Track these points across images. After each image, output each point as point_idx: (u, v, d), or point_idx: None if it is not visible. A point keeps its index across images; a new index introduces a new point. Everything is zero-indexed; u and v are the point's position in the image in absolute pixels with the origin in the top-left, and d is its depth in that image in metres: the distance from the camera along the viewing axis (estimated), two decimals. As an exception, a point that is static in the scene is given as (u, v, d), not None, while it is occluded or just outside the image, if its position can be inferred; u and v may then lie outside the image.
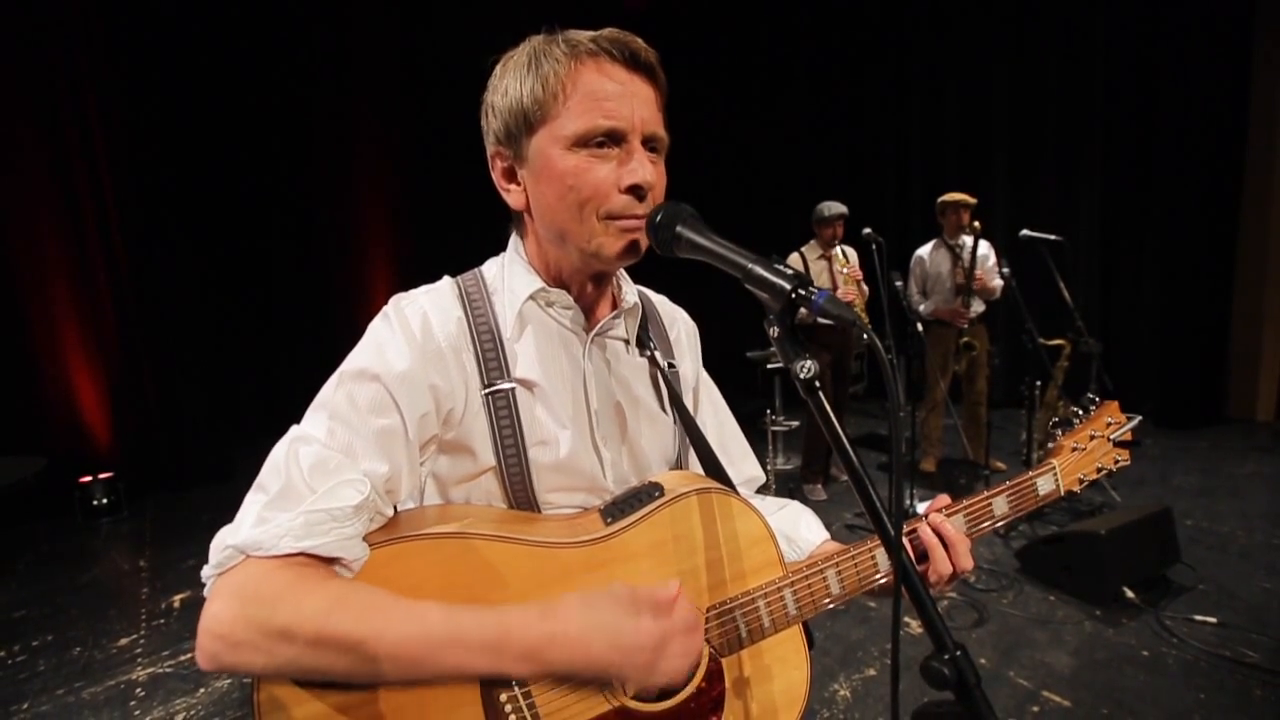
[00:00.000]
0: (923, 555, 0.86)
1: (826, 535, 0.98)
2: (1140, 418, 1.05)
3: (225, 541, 0.64)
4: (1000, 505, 0.93)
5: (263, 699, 0.65)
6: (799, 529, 0.98)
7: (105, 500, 4.62)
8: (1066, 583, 2.88)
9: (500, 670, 0.65)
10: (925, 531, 0.85)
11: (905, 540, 0.86)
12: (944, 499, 0.91)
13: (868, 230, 3.77)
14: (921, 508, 3.74)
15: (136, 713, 2.42)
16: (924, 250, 4.45)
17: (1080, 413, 1.06)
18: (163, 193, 5.13)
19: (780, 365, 3.32)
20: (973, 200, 4.21)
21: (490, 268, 0.87)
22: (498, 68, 0.79)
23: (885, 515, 0.60)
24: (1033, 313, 3.64)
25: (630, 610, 0.69)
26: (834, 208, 4.06)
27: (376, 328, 0.78)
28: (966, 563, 0.85)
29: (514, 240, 0.87)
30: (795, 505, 1.03)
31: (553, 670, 0.67)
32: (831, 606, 0.85)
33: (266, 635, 0.60)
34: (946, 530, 0.85)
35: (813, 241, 4.19)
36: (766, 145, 7.91)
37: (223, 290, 5.97)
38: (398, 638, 0.62)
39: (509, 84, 0.76)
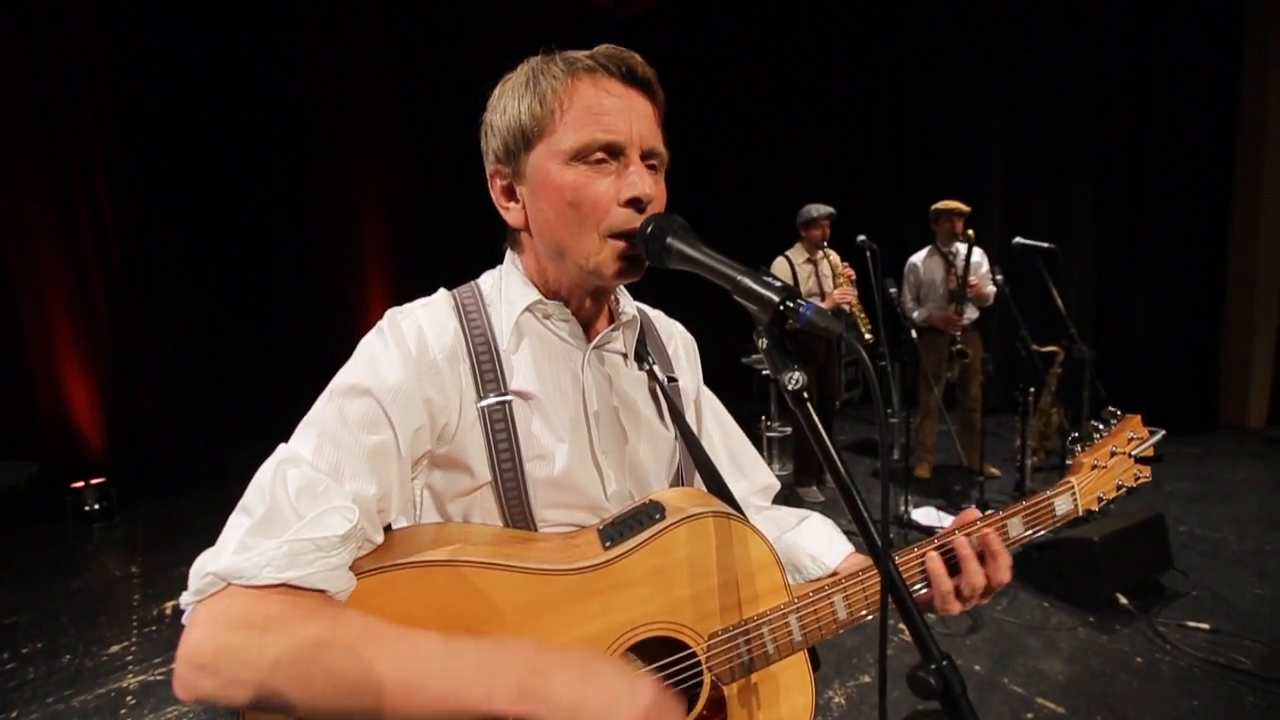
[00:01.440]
0: (955, 568, 0.83)
1: (850, 549, 0.95)
2: (1163, 432, 1.00)
3: (206, 568, 0.61)
4: (1015, 526, 0.89)
5: None
6: (818, 543, 0.94)
7: (97, 506, 4.58)
8: (1060, 589, 2.89)
9: (490, 703, 0.61)
10: (959, 543, 0.83)
11: (936, 554, 0.84)
12: (974, 513, 0.88)
13: (862, 237, 3.79)
14: (916, 514, 3.71)
15: (127, 721, 2.40)
16: (917, 258, 4.47)
17: (1100, 427, 1.01)
18: (158, 199, 5.13)
19: (775, 371, 3.31)
20: (966, 208, 4.24)
21: (486, 280, 0.87)
22: (497, 88, 0.79)
23: (871, 525, 0.60)
24: (1026, 320, 3.66)
25: (625, 669, 0.67)
26: (821, 208, 4.07)
27: (370, 342, 0.77)
28: (1004, 576, 0.82)
29: (510, 255, 0.87)
30: (815, 518, 1.00)
31: (543, 703, 0.63)
32: (839, 632, 0.83)
33: (250, 666, 0.58)
34: (991, 542, 0.83)
35: (798, 245, 4.20)
36: (759, 152, 7.94)
37: (217, 297, 5.95)
38: (388, 668, 0.59)
39: (507, 103, 0.77)
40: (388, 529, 0.75)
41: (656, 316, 1.02)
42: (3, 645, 2.99)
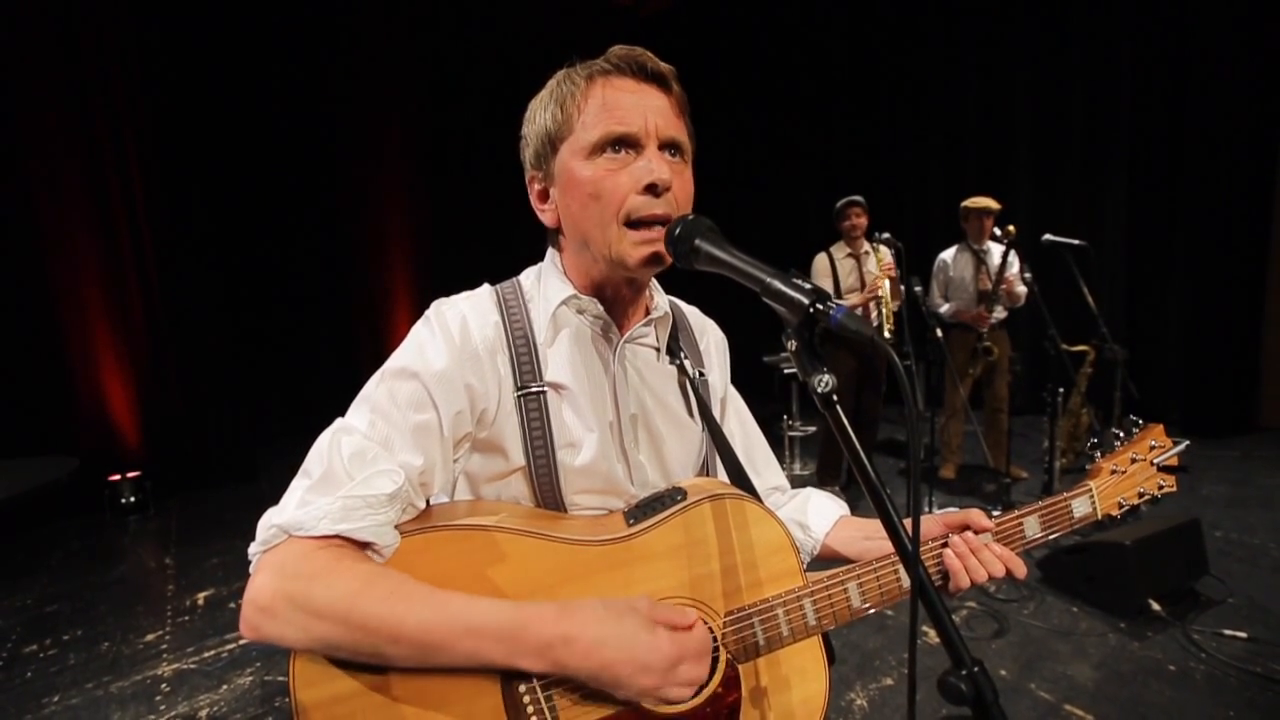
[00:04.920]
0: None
1: (838, 515, 1.00)
2: (1187, 443, 1.02)
3: (270, 521, 0.69)
4: (1032, 526, 0.91)
5: (298, 672, 0.68)
6: (807, 514, 1.01)
7: (133, 499, 4.74)
8: (1090, 594, 2.83)
9: (513, 663, 0.68)
10: (947, 555, 0.88)
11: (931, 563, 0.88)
12: (978, 514, 0.91)
13: (886, 235, 3.75)
14: (939, 515, 3.64)
15: (162, 707, 2.47)
16: (947, 254, 4.40)
17: (1121, 434, 1.03)
18: (191, 200, 5.27)
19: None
20: (997, 206, 4.15)
21: (527, 276, 0.91)
22: (530, 104, 0.85)
23: (901, 529, 0.60)
24: (1056, 319, 3.58)
25: (648, 626, 0.71)
26: (848, 198, 4.01)
27: (418, 330, 0.83)
28: (981, 574, 0.86)
29: (550, 252, 0.91)
30: (805, 491, 1.07)
31: (563, 669, 0.69)
32: (853, 620, 0.85)
33: (301, 611, 0.65)
34: (968, 545, 0.87)
35: (840, 241, 4.15)
36: (782, 149, 7.88)
37: (248, 296, 6.09)
38: (419, 622, 0.65)
39: (537, 113, 0.83)
40: (427, 504, 0.81)
41: (691, 313, 1.05)
42: (45, 632, 3.11)
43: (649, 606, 0.73)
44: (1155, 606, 2.68)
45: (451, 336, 0.80)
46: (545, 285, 0.88)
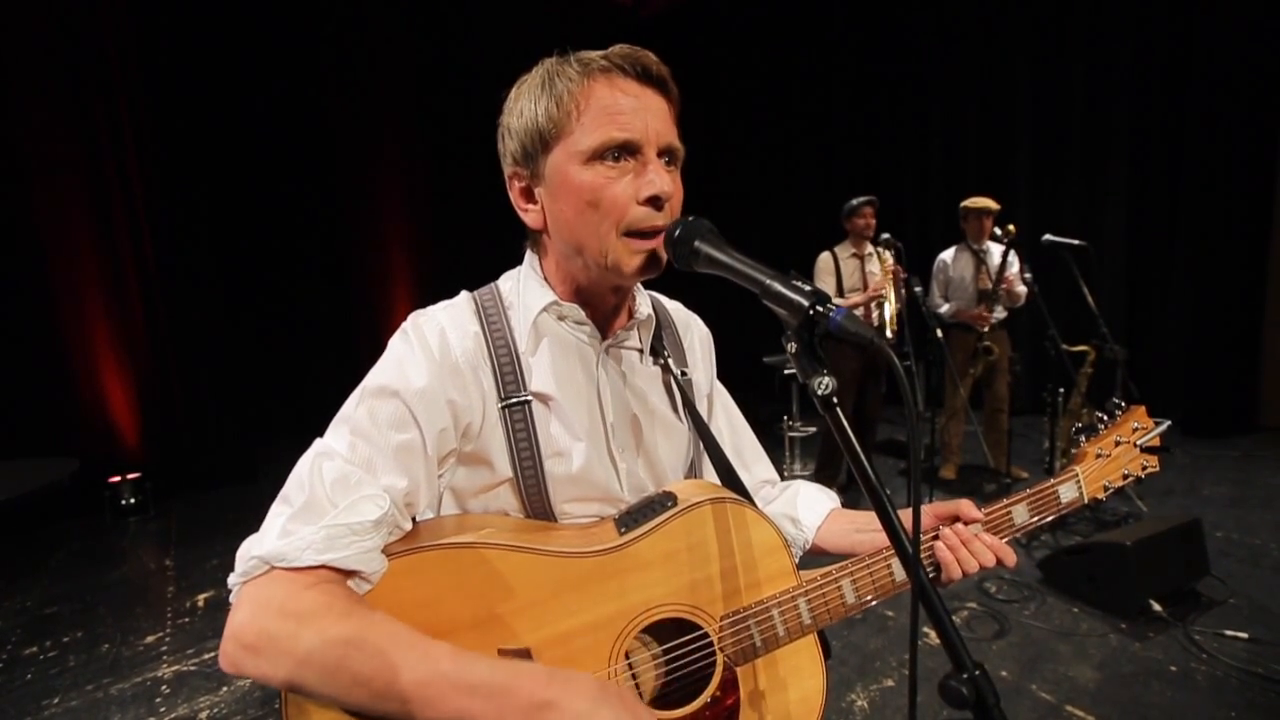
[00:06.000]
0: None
1: (829, 508, 0.99)
2: (1169, 423, 1.02)
3: (251, 552, 0.65)
4: (1020, 513, 0.91)
5: (290, 703, 0.67)
6: (798, 508, 0.99)
7: (133, 500, 4.73)
8: (1091, 594, 2.82)
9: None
10: (939, 548, 0.87)
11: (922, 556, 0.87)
12: (967, 504, 0.91)
13: (886, 235, 3.75)
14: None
15: (162, 709, 2.47)
16: (947, 255, 4.39)
17: (1105, 418, 1.03)
18: (192, 202, 5.27)
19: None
20: (996, 206, 4.15)
21: (506, 282, 0.88)
22: (512, 91, 0.80)
23: (901, 531, 0.59)
24: (1056, 319, 3.58)
25: (633, 702, 0.68)
26: (861, 198, 3.98)
27: (396, 345, 0.80)
28: (972, 565, 0.85)
29: (529, 256, 0.88)
30: (795, 484, 1.05)
31: None
32: (848, 616, 0.85)
33: (287, 655, 0.62)
34: (958, 537, 0.86)
35: (846, 241, 4.13)
36: (782, 150, 7.88)
37: (248, 297, 6.09)
38: (408, 681, 0.62)
39: (524, 105, 0.77)
40: (414, 521, 0.78)
41: (674, 309, 1.03)
42: (45, 634, 3.10)
43: (634, 704, 0.68)
44: (1156, 607, 2.68)
45: (430, 351, 0.77)
46: (524, 292, 0.85)
